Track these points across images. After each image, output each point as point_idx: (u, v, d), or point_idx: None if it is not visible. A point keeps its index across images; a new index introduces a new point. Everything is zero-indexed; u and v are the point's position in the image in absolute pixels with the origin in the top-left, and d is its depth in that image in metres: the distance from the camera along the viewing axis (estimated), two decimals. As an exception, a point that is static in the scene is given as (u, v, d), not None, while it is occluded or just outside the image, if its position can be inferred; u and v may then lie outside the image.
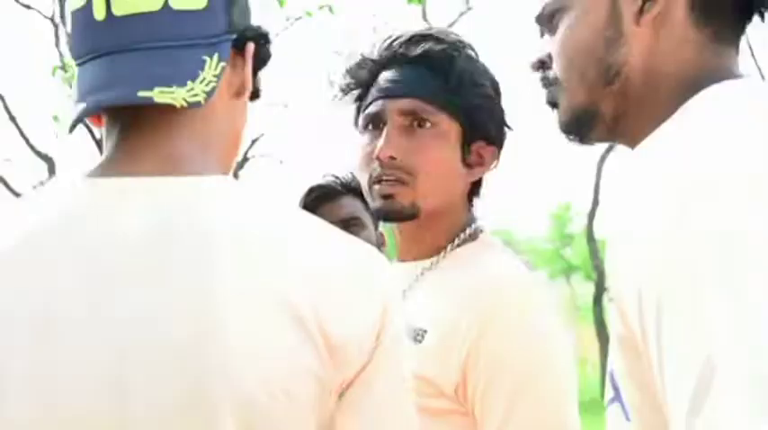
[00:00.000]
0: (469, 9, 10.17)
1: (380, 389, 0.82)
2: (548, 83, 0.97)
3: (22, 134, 8.96)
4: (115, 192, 0.82)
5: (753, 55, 6.83)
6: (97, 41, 0.85)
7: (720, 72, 0.87)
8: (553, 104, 0.97)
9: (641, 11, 0.88)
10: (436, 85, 1.34)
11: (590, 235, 12.94)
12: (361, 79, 1.40)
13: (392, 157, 1.30)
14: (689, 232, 0.69)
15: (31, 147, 9.16)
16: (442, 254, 1.34)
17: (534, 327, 1.22)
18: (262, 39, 0.92)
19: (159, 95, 0.81)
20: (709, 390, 0.63)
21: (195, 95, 0.82)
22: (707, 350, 0.64)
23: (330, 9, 8.21)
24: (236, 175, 0.98)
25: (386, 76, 1.36)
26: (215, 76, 0.84)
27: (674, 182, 0.72)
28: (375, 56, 1.39)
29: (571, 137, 0.97)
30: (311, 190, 2.07)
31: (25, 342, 0.77)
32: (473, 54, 1.38)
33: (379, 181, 1.32)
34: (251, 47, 0.90)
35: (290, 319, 0.77)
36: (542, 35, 1.01)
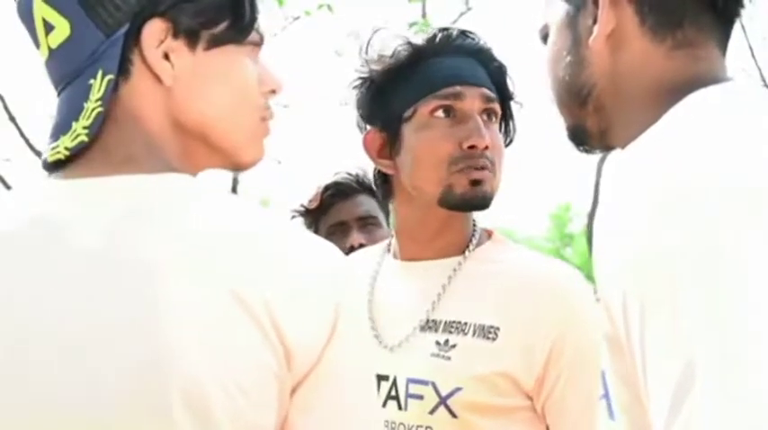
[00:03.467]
0: (469, 9, 10.17)
1: (329, 390, 0.81)
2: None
3: (21, 134, 8.94)
4: (69, 192, 0.82)
5: (753, 55, 6.83)
6: None
7: (701, 78, 0.86)
8: None
9: (593, 32, 0.90)
10: (489, 79, 1.35)
11: (590, 235, 12.92)
12: (401, 62, 1.34)
13: (488, 147, 1.31)
14: (673, 236, 0.69)
15: (31, 147, 9.13)
16: (467, 252, 1.34)
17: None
18: (178, 3, 0.84)
19: (51, 155, 0.83)
20: (689, 395, 0.64)
21: (77, 137, 0.82)
22: (688, 354, 0.65)
23: (329, 8, 8.19)
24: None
25: (452, 63, 1.33)
26: (99, 99, 0.82)
27: (658, 187, 0.73)
28: (419, 42, 1.34)
29: (577, 149, 1.01)
30: (327, 187, 2.04)
31: None
32: None
33: (466, 168, 1.30)
34: (150, 27, 0.84)
35: (243, 316, 0.77)
36: None
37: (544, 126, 1.04)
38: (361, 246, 1.94)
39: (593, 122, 0.94)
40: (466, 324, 1.26)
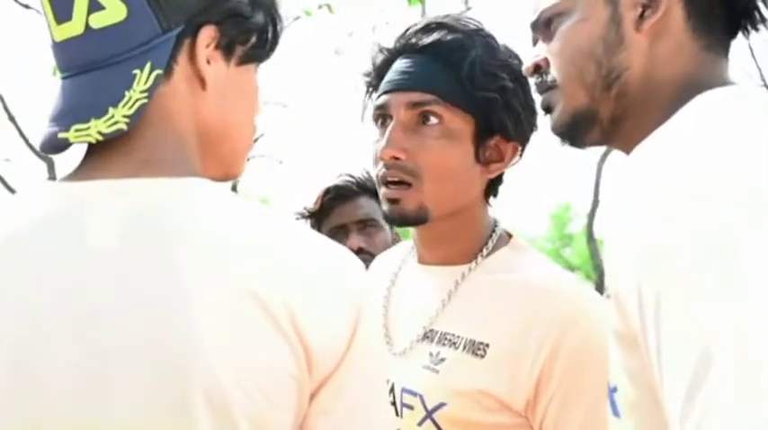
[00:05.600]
0: (469, 9, 10.17)
1: (351, 394, 0.81)
2: (544, 87, 0.98)
3: (21, 134, 8.95)
4: (85, 195, 0.82)
5: (753, 55, 6.84)
6: (57, 65, 0.87)
7: (714, 79, 0.89)
8: (548, 109, 0.98)
9: (642, 17, 0.90)
10: (447, 78, 1.23)
11: (590, 235, 12.95)
12: (377, 70, 1.31)
13: (395, 158, 1.21)
14: (685, 231, 0.70)
15: (31, 148, 9.15)
16: (478, 259, 1.26)
17: (604, 337, 1.13)
18: (229, 13, 0.87)
19: (74, 135, 0.81)
20: (704, 383, 0.65)
21: (114, 124, 0.81)
22: (703, 343, 0.66)
23: (329, 8, 8.21)
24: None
25: (396, 67, 1.26)
26: (144, 91, 0.81)
27: (671, 184, 0.74)
28: (391, 45, 1.29)
29: (565, 139, 0.98)
30: (327, 190, 2.04)
31: (12, 342, 0.77)
32: (493, 44, 1.27)
33: (385, 183, 1.23)
34: (204, 33, 0.86)
35: (264, 318, 0.77)
36: (535, 43, 1.02)
37: (544, 126, 1.02)
38: (360, 249, 1.94)
39: (609, 108, 0.93)
40: (458, 337, 1.20)
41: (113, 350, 0.76)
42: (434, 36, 1.24)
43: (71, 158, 0.91)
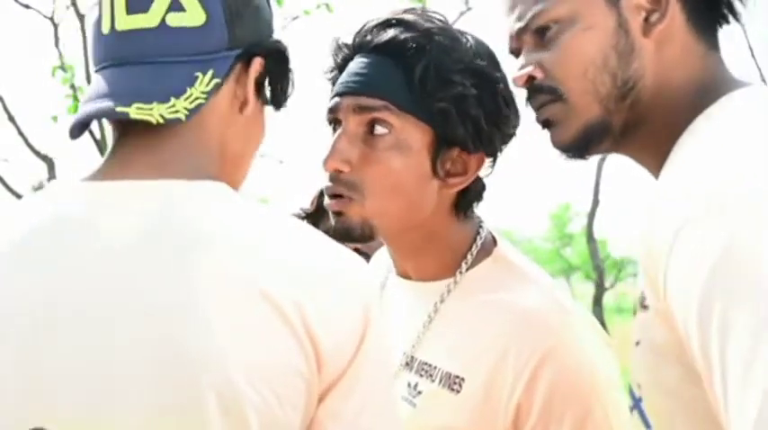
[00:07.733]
0: (469, 9, 10.17)
1: (361, 397, 0.82)
2: (544, 101, 0.93)
3: (21, 134, 8.95)
4: (106, 194, 0.83)
5: (753, 55, 6.84)
6: (102, 53, 0.89)
7: (729, 79, 0.88)
8: (547, 123, 0.94)
9: (647, 21, 0.89)
10: (400, 82, 1.10)
11: (590, 235, 12.96)
12: (338, 67, 1.20)
13: (338, 170, 1.11)
14: (755, 247, 0.67)
15: (31, 148, 9.14)
16: (457, 276, 1.16)
17: (586, 362, 1.05)
18: (275, 53, 0.93)
19: (136, 112, 0.83)
20: None
21: (175, 112, 0.83)
22: None
23: (328, 7, 8.20)
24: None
25: (349, 68, 1.15)
26: (204, 92, 0.86)
27: (730, 196, 0.71)
28: (349, 41, 1.18)
29: (572, 152, 0.94)
30: (323, 191, 2.03)
31: (19, 340, 0.77)
32: (455, 44, 1.12)
33: (329, 195, 1.14)
34: (257, 62, 0.91)
35: (274, 317, 0.78)
36: (517, 53, 0.97)
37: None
38: (356, 250, 1.93)
39: (620, 118, 0.90)
40: (435, 368, 1.12)
41: (124, 349, 0.76)
42: (390, 34, 1.12)
43: (71, 159, 0.91)
